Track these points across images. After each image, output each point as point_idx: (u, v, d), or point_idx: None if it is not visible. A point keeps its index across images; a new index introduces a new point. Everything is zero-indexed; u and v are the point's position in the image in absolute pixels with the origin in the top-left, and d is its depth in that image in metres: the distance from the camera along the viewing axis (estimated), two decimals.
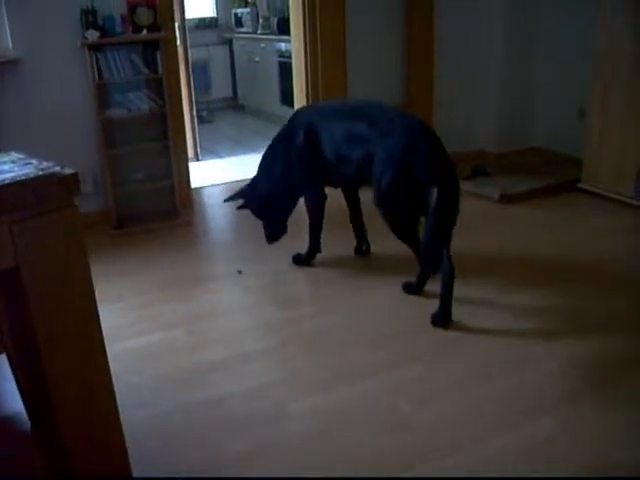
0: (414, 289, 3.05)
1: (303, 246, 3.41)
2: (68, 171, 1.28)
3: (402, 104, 4.68)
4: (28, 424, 2.14)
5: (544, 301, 2.90)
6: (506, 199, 4.10)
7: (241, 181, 4.93)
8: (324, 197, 3.30)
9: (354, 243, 3.51)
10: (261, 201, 3.32)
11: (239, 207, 3.41)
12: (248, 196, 3.37)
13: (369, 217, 3.32)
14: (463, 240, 3.26)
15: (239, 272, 3.34)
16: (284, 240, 3.41)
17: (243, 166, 5.22)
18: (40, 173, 1.26)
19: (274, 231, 3.37)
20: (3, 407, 2.37)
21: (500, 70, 4.83)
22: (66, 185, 1.27)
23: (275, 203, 3.31)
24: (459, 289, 3.02)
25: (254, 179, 3.38)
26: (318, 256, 3.41)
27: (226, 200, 3.46)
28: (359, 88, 4.33)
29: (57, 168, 1.29)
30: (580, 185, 4.17)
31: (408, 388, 2.31)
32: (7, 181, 1.22)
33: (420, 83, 4.83)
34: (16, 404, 2.22)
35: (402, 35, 4.79)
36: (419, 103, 4.75)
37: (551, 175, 4.42)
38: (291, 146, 3.20)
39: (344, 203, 3.42)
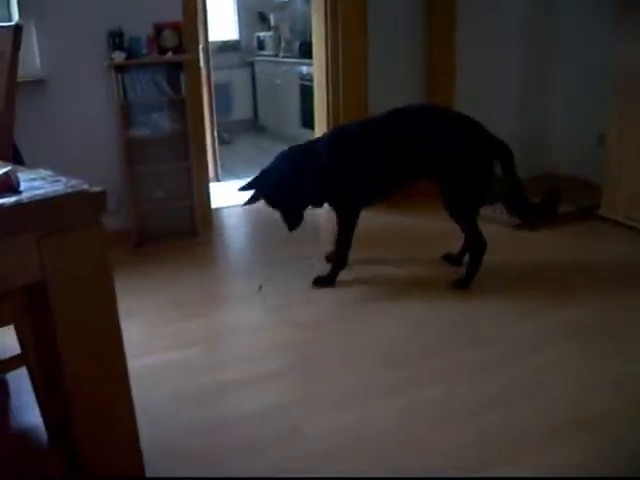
0: (467, 282, 3.27)
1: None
2: (96, 189, 1.31)
3: None
4: (46, 437, 2.17)
5: (560, 327, 2.89)
6: (523, 225, 4.10)
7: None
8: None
9: (373, 263, 3.58)
10: (278, 191, 3.31)
11: (246, 203, 3.34)
12: (262, 186, 3.33)
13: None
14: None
15: (260, 288, 3.37)
16: (302, 262, 3.44)
17: None
18: (69, 190, 1.29)
19: (292, 220, 3.36)
20: (21, 420, 2.40)
21: (516, 95, 4.85)
22: (94, 203, 1.31)
23: (295, 194, 3.30)
24: (474, 313, 3.04)
25: (268, 170, 3.36)
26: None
27: (240, 189, 3.39)
28: (381, 112, 4.35)
29: (85, 186, 1.32)
30: (599, 212, 4.17)
31: (425, 410, 2.31)
32: (37, 197, 1.25)
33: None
34: (34, 417, 2.25)
35: (423, 61, 4.83)
36: None
37: (569, 202, 4.41)
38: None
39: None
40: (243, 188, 3.36)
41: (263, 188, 3.32)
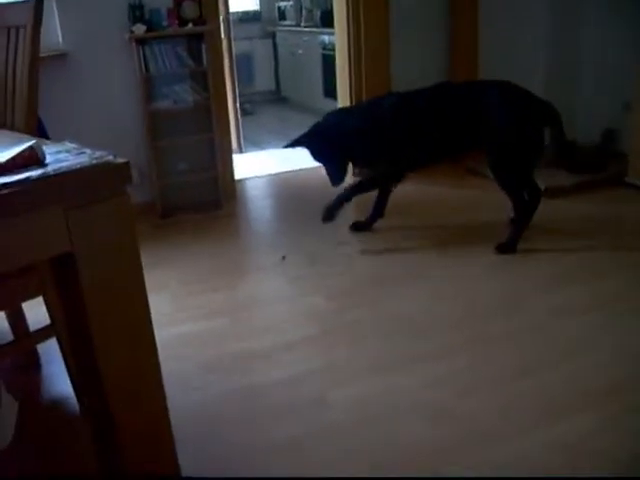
0: (512, 247, 3.27)
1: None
2: (120, 160, 1.32)
3: None
4: (77, 407, 2.20)
5: (590, 296, 2.86)
6: (551, 193, 4.05)
7: (284, 173, 5.01)
8: None
9: (400, 232, 3.60)
10: (324, 147, 3.42)
11: (286, 146, 3.49)
12: (309, 142, 3.46)
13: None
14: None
15: (283, 258, 3.38)
16: (327, 231, 3.45)
17: (286, 158, 5.25)
18: (94, 162, 1.30)
19: (336, 175, 3.44)
20: (52, 390, 2.45)
21: (542, 66, 4.77)
22: (119, 173, 1.31)
23: (340, 150, 3.40)
24: (503, 282, 3.02)
25: (318, 126, 3.47)
26: (361, 245, 3.43)
27: (286, 147, 3.53)
28: (403, 81, 4.31)
29: (110, 157, 1.32)
30: (627, 179, 4.12)
31: (451, 379, 2.31)
32: (63, 169, 1.26)
33: (464, 76, 4.80)
34: (65, 388, 2.29)
35: (446, 27, 4.76)
36: None
37: (597, 169, 4.35)
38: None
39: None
40: (290, 145, 3.47)
41: (308, 140, 3.44)
